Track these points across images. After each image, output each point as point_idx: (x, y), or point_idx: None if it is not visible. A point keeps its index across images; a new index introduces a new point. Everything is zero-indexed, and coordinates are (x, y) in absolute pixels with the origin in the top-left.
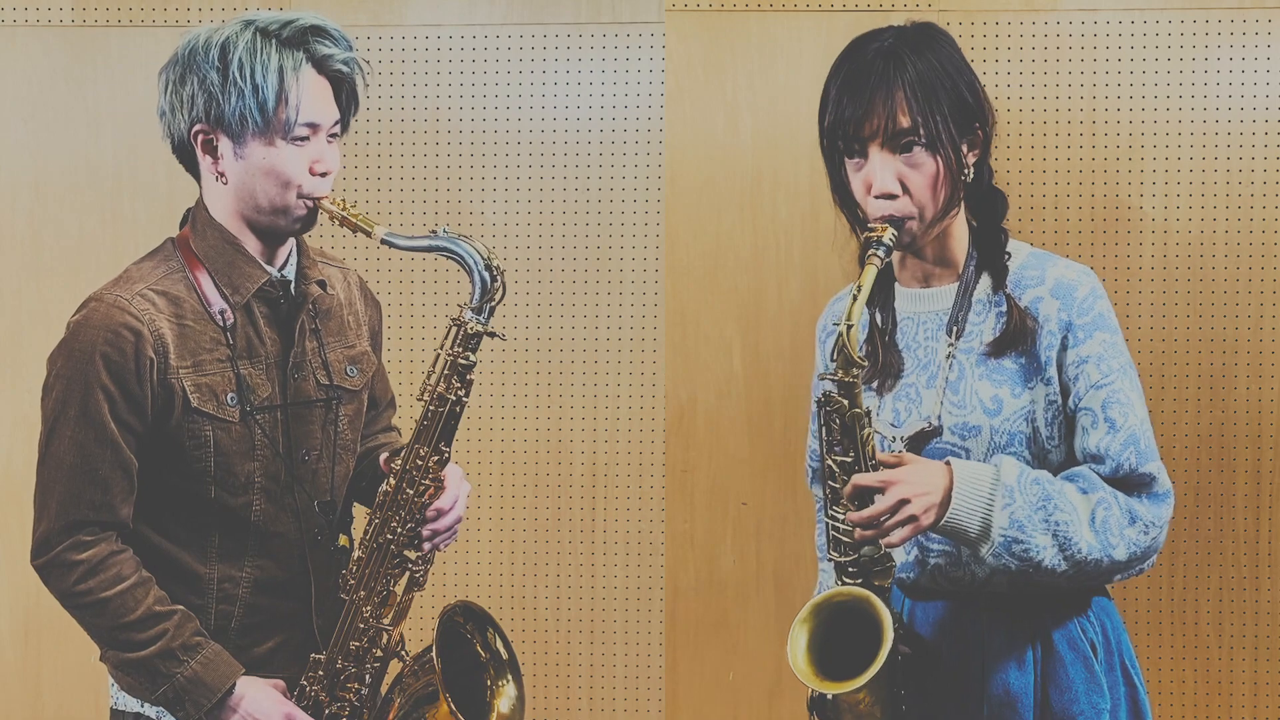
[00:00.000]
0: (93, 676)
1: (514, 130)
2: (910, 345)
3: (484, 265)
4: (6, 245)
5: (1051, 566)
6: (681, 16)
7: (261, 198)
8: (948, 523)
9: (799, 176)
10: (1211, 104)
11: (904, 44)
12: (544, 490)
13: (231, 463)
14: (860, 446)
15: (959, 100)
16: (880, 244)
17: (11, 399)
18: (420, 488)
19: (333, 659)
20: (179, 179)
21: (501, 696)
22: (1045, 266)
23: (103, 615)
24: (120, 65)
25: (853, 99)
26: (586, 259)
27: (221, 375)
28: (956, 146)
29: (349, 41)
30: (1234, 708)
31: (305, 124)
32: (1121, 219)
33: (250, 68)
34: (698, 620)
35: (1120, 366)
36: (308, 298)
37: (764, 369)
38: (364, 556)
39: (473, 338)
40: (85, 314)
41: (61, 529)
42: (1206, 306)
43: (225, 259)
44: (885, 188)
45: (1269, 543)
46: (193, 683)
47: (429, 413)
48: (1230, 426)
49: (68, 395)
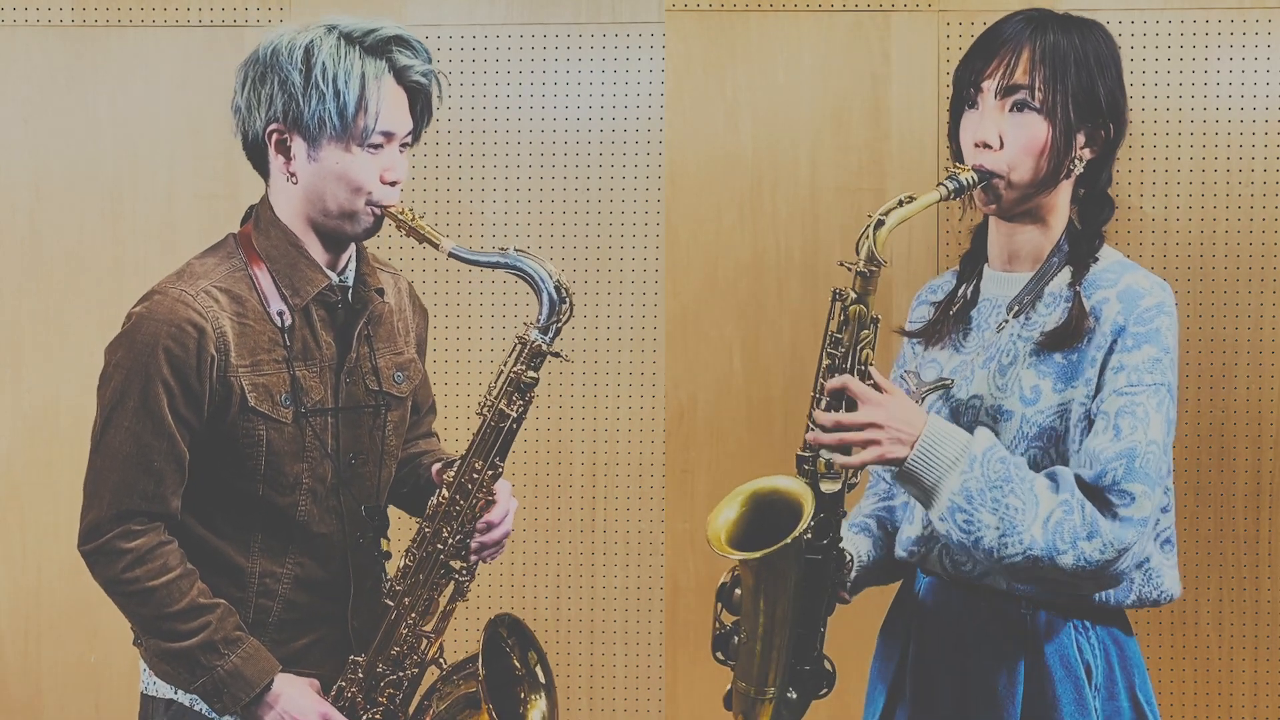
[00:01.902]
0: (92, 676)
1: (514, 130)
2: (981, 325)
3: (554, 286)
4: (6, 245)
5: (989, 548)
6: (681, 16)
7: (331, 201)
8: (907, 467)
9: (799, 176)
10: (1211, 104)
11: (1056, 20)
12: (544, 490)
13: (282, 462)
14: (854, 344)
15: (1088, 88)
16: (954, 178)
17: (12, 399)
18: (474, 501)
19: (373, 662)
20: (179, 179)
21: (534, 709)
22: (1124, 272)
23: (147, 604)
24: (120, 65)
25: (984, 49)
26: (586, 259)
27: (277, 376)
28: (1070, 125)
29: (429, 53)
30: (1234, 708)
31: (381, 132)
32: (1121, 218)
33: (334, 72)
34: (698, 620)
35: (1154, 384)
36: (367, 305)
37: (764, 369)
38: (412, 565)
39: (537, 356)
40: (149, 306)
41: (113, 517)
42: (1206, 306)
43: (288, 260)
44: (982, 135)
45: (1269, 543)
46: (233, 676)
47: (487, 427)
48: (1230, 426)
49: (128, 385)
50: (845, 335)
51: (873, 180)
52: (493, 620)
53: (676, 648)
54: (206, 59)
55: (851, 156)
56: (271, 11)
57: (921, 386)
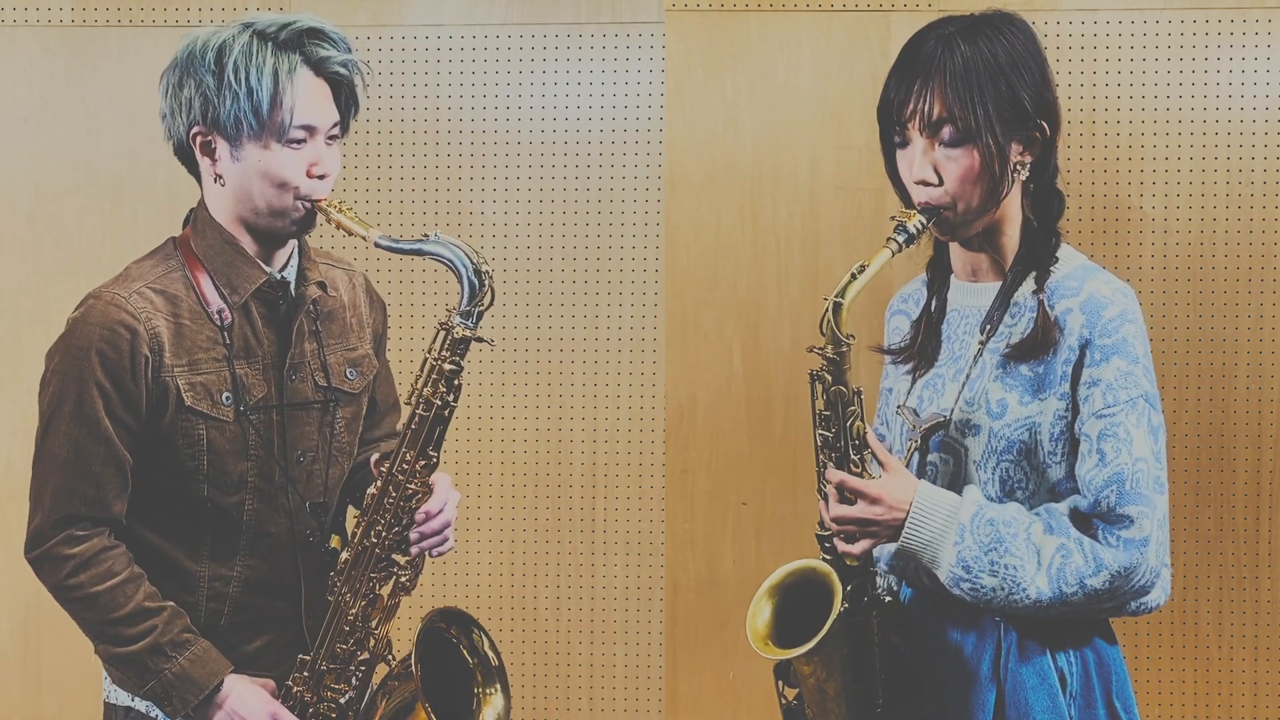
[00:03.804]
0: (92, 675)
1: (514, 130)
2: (951, 336)
3: (472, 270)
4: (6, 245)
5: (1000, 606)
6: (681, 16)
7: (259, 200)
8: (902, 546)
9: (799, 176)
10: (1211, 104)
11: (964, 31)
12: (544, 490)
13: (224, 462)
14: (842, 423)
15: (1009, 96)
16: (902, 229)
17: (12, 399)
18: (407, 492)
19: (318, 659)
20: (179, 179)
21: (488, 706)
22: (1086, 279)
23: (93, 609)
24: (120, 65)
25: (899, 83)
26: (586, 259)
27: (217, 374)
28: (999, 142)
29: (347, 43)
30: (1234, 708)
31: (301, 126)
32: (1121, 219)
33: (245, 71)
34: (698, 620)
35: (1130, 399)
36: (307, 299)
37: (764, 369)
38: (350, 558)
39: (460, 343)
40: (83, 311)
41: (54, 523)
42: (1206, 306)
43: (224, 259)
44: (920, 174)
45: (1269, 543)
46: (180, 679)
47: (416, 417)
48: (1230, 426)
49: (63, 391)
50: (832, 414)
51: (873, 180)
52: (428, 616)
53: (676, 647)
54: None
55: (851, 156)
56: (271, 12)
57: (920, 424)
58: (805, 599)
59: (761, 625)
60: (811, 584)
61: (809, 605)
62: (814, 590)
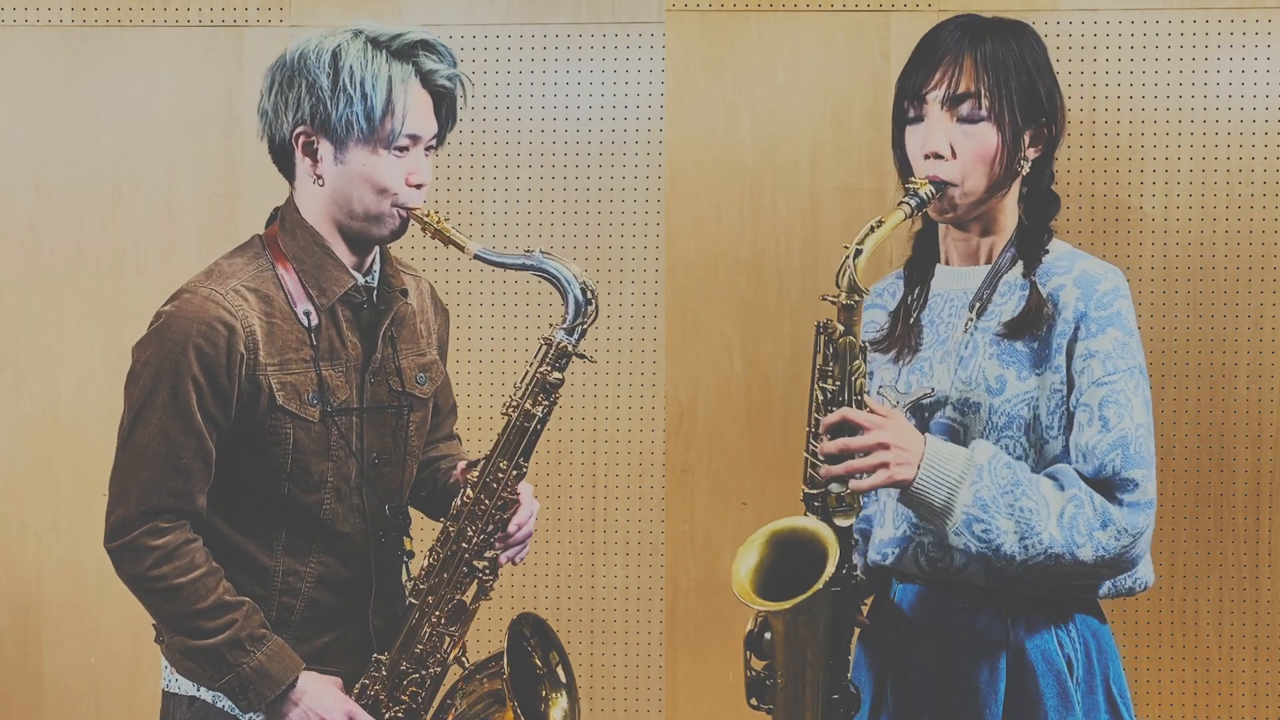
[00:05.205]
0: (92, 675)
1: (514, 130)
2: (934, 321)
3: (579, 287)
4: (6, 245)
5: (1010, 554)
6: (681, 16)
7: (357, 203)
8: (915, 489)
9: (799, 176)
10: (1211, 104)
11: (989, 26)
12: (544, 490)
13: (308, 461)
14: (848, 377)
15: (1029, 90)
16: (914, 194)
17: (11, 399)
18: (498, 500)
19: (396, 661)
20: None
21: (555, 707)
22: (1076, 259)
23: (174, 601)
24: (120, 65)
25: (924, 61)
26: (586, 259)
27: (304, 375)
28: (1016, 128)
29: (454, 58)
30: (1234, 708)
31: (408, 135)
32: (1121, 218)
33: (361, 76)
34: (698, 620)
35: (1127, 368)
36: (394, 305)
37: (764, 369)
38: (436, 563)
39: (563, 357)
40: (179, 305)
41: (141, 514)
42: (1206, 306)
43: (314, 260)
44: (934, 146)
45: (1269, 543)
46: (258, 673)
47: (513, 427)
48: (1230, 426)
49: (157, 383)
50: (836, 368)
51: (873, 180)
52: (516, 620)
53: (676, 647)
54: (206, 59)
55: (851, 156)
56: (271, 12)
57: (903, 401)
58: (795, 557)
59: (746, 576)
60: (803, 544)
61: (797, 564)
62: (805, 550)
